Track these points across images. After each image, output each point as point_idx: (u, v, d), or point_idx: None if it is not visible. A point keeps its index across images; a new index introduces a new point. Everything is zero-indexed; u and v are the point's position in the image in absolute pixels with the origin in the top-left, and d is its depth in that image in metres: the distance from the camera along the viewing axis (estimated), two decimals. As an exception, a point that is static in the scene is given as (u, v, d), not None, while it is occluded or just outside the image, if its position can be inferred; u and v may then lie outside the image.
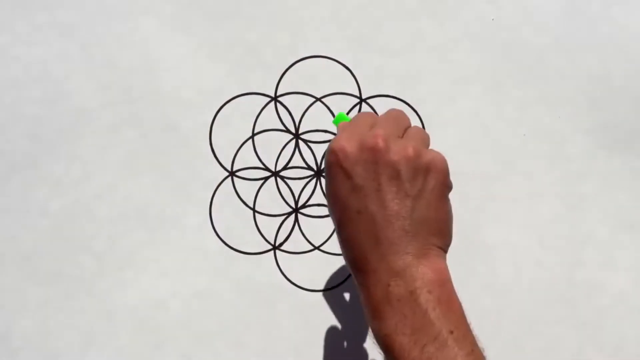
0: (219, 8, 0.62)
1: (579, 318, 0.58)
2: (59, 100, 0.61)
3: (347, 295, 0.59)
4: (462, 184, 0.59)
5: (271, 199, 0.60)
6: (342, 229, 0.40)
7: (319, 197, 0.60)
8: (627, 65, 0.61)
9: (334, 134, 0.60)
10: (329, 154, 0.40)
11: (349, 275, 0.59)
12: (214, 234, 0.59)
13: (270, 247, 0.59)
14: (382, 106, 0.61)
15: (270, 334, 0.58)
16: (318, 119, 0.61)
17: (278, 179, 0.60)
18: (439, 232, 0.41)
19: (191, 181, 0.60)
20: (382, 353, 0.38)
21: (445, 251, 0.42)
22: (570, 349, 0.58)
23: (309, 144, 0.61)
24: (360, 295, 0.40)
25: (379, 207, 0.39)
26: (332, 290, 0.59)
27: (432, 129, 0.60)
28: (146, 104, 0.61)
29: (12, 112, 0.61)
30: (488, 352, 0.58)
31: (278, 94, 0.61)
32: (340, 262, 0.59)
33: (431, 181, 0.40)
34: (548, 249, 0.59)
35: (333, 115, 0.61)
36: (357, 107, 0.61)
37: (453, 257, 0.59)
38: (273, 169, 0.60)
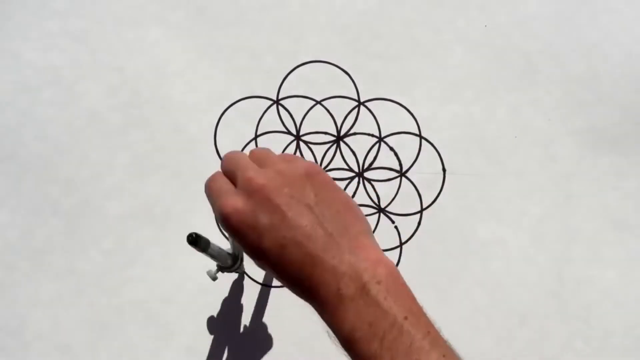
0: (224, 16, 0.62)
1: (568, 312, 0.58)
2: (70, 103, 0.61)
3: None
4: (456, 184, 0.60)
5: None
6: (279, 269, 0.39)
7: (319, 196, 0.61)
8: (614, 70, 0.61)
9: (334, 135, 0.62)
10: (226, 220, 0.39)
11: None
12: (219, 232, 0.59)
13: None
14: (380, 108, 0.62)
15: (273, 327, 0.58)
16: (318, 121, 0.62)
17: (280, 179, 0.61)
18: (355, 219, 0.40)
19: (196, 181, 0.60)
20: (347, 355, 0.37)
21: (372, 234, 0.41)
22: (559, 342, 0.58)
23: (310, 145, 0.61)
24: (318, 315, 0.39)
25: (294, 230, 0.38)
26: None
27: (427, 131, 0.61)
28: (153, 107, 0.61)
29: (25, 114, 0.61)
30: (480, 345, 0.58)
31: (280, 97, 0.62)
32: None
33: (316, 183, 0.40)
34: (538, 246, 0.59)
35: (332, 117, 0.62)
36: (356, 109, 0.62)
37: (447, 254, 0.60)
38: (275, 170, 0.61)
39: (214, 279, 0.51)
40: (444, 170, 0.61)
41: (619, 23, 0.62)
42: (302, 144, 0.61)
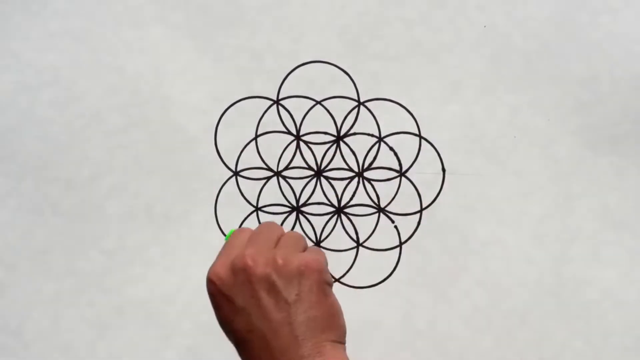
0: (224, 16, 0.62)
1: (567, 312, 0.58)
2: (70, 103, 0.61)
3: (344, 289, 0.59)
4: (456, 184, 0.60)
5: (273, 198, 0.61)
6: (241, 351, 0.41)
7: (319, 196, 0.61)
8: (613, 70, 0.61)
9: (334, 135, 0.62)
10: (208, 284, 0.41)
11: (348, 270, 0.60)
12: (219, 231, 0.60)
13: (273, 243, 0.60)
14: (379, 109, 0.62)
15: None
16: (318, 121, 0.62)
17: (280, 178, 0.61)
18: (328, 327, 0.40)
19: (197, 181, 0.60)
20: None
21: (342, 342, 0.42)
22: (559, 342, 0.58)
23: (310, 145, 0.62)
24: None
25: (263, 321, 0.39)
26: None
27: (427, 131, 0.61)
28: (154, 107, 0.61)
29: (25, 114, 0.61)
30: (480, 345, 0.58)
31: (280, 97, 0.62)
32: (338, 257, 0.60)
33: (306, 282, 0.40)
34: (538, 246, 0.59)
35: (332, 117, 0.62)
36: (356, 109, 0.62)
37: (447, 253, 0.60)
38: (275, 169, 0.61)
39: None
40: (443, 170, 0.61)
41: (619, 23, 0.62)
42: (302, 144, 0.62)
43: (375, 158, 0.61)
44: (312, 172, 0.61)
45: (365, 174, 0.61)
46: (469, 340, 0.59)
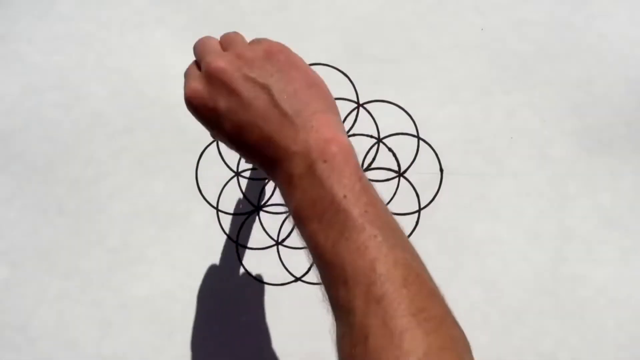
0: (226, 19, 0.63)
1: (563, 309, 0.59)
2: (75, 105, 0.62)
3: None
4: (454, 184, 0.61)
5: (274, 198, 0.61)
6: (241, 150, 0.39)
7: (319, 196, 0.62)
8: (608, 72, 0.62)
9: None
10: (187, 102, 0.39)
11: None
12: (221, 230, 0.60)
13: (273, 242, 0.60)
14: (378, 110, 0.62)
15: (273, 322, 0.59)
16: None
17: (281, 179, 0.62)
18: (315, 97, 0.39)
19: (199, 181, 0.61)
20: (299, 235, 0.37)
21: (334, 112, 0.40)
22: (555, 339, 0.59)
23: None
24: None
25: (250, 113, 0.38)
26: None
27: (425, 132, 0.62)
28: (157, 109, 0.62)
29: (32, 116, 0.62)
30: (477, 341, 0.59)
31: None
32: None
33: (276, 63, 0.39)
34: (533, 245, 0.60)
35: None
36: (355, 111, 0.62)
37: (444, 252, 0.60)
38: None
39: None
40: (441, 170, 0.61)
41: (613, 27, 0.63)
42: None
43: (374, 159, 0.62)
44: (312, 173, 0.62)
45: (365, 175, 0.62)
46: (466, 338, 0.59)
